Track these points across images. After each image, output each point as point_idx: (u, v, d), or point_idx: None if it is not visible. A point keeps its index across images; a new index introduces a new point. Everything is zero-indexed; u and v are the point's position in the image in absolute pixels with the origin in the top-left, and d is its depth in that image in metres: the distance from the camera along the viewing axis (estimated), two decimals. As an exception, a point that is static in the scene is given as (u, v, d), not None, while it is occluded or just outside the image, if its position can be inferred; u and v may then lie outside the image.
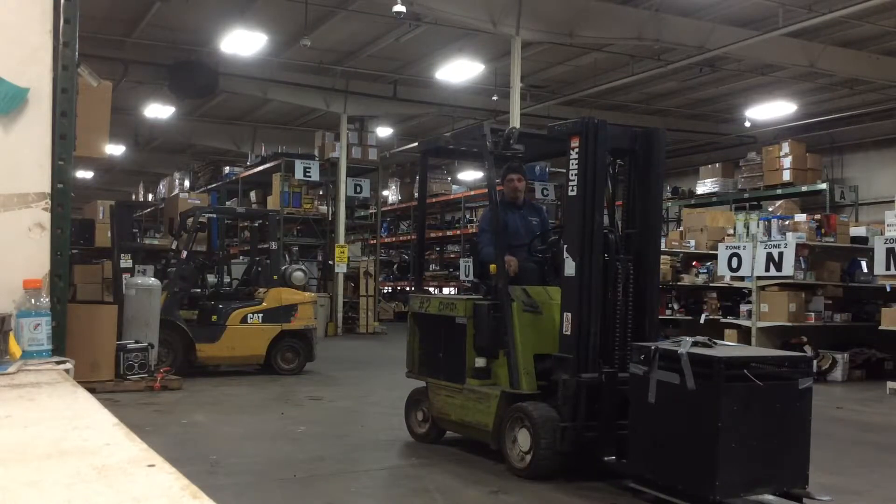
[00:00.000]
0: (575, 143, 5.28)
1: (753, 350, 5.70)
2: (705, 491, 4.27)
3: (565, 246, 5.29)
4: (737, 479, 4.33)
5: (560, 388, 5.18)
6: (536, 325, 5.55)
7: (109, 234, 10.99)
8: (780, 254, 10.47)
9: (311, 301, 11.29)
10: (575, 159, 5.26)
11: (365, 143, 18.86)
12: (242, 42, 14.35)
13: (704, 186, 20.18)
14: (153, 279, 9.94)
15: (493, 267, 5.70)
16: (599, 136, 5.28)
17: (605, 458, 5.02)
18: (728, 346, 5.17)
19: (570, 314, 5.20)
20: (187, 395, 8.69)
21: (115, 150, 21.85)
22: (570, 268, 5.22)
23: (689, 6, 13.56)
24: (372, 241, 22.09)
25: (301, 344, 10.84)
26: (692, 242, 12.49)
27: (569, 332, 5.19)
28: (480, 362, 5.74)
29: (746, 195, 19.05)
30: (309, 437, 6.67)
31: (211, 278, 12.28)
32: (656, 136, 5.58)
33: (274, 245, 11.52)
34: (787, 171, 17.86)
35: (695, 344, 4.51)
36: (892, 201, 11.48)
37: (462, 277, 20.13)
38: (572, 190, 5.28)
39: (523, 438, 5.21)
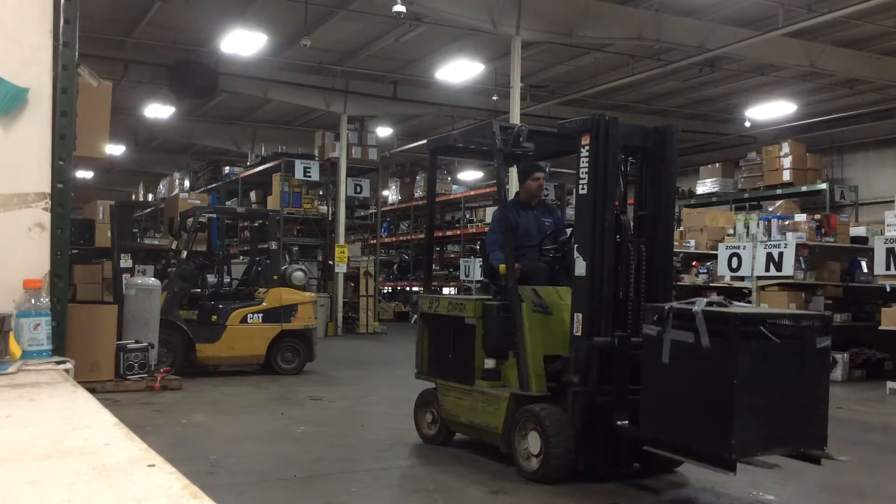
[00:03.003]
0: (586, 140, 5.22)
1: (770, 309, 5.63)
2: (721, 451, 4.18)
3: (576, 245, 5.25)
4: (753, 439, 4.22)
5: (572, 353, 5.13)
6: (546, 326, 5.49)
7: (109, 234, 10.98)
8: (780, 254, 10.46)
9: (311, 301, 11.29)
10: (586, 157, 5.19)
11: (365, 143, 18.86)
12: (242, 42, 14.34)
13: (704, 186, 20.19)
14: (153, 279, 9.94)
15: (502, 267, 5.67)
16: (611, 134, 5.22)
17: (619, 423, 4.95)
18: (744, 306, 5.11)
19: (580, 315, 5.16)
20: (187, 395, 8.69)
21: (115, 150, 21.85)
22: (580, 267, 5.17)
23: (689, 6, 13.56)
24: (372, 241, 22.08)
25: (301, 344, 10.84)
26: (692, 242, 12.49)
27: (579, 334, 5.14)
28: (490, 363, 5.70)
29: (746, 195, 19.06)
30: (309, 437, 6.67)
31: (211, 278, 12.28)
32: (669, 133, 5.51)
33: (274, 245, 11.52)
34: (787, 171, 17.87)
35: (709, 304, 4.44)
36: (892, 201, 11.48)
37: (462, 277, 20.13)
38: (583, 188, 5.22)
39: (533, 441, 5.17)
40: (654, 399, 4.64)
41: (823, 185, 18.02)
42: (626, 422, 4.92)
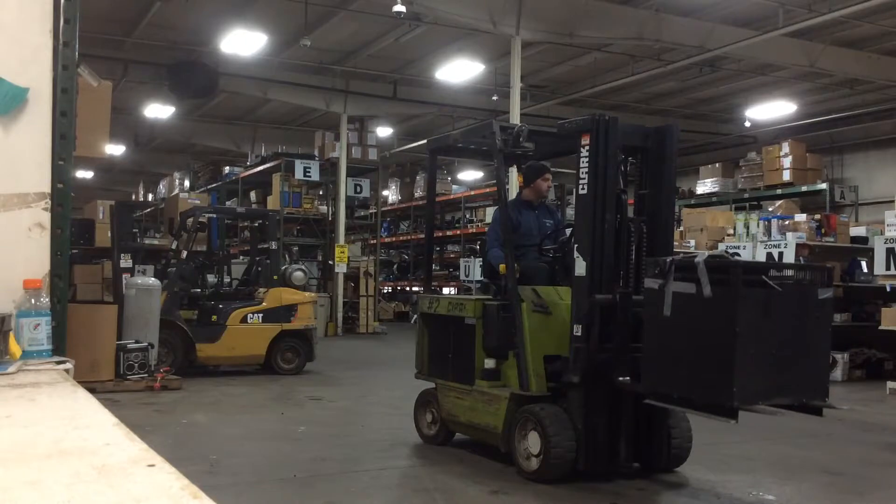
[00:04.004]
0: (585, 140, 5.21)
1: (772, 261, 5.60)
2: (723, 399, 4.16)
3: (576, 245, 5.25)
4: (755, 387, 4.21)
5: (574, 307, 5.15)
6: (546, 326, 5.49)
7: (109, 234, 10.99)
8: (781, 254, 10.47)
9: (311, 301, 11.29)
10: (585, 157, 5.19)
11: (365, 143, 18.87)
12: (242, 42, 14.34)
13: (704, 186, 20.18)
14: (153, 279, 9.94)
15: (502, 267, 5.67)
16: (611, 134, 5.22)
17: (619, 379, 4.94)
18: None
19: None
20: (187, 395, 8.69)
21: (115, 150, 21.85)
22: (580, 268, 5.18)
23: (689, 6, 13.56)
24: (372, 241, 22.09)
25: (301, 344, 10.84)
26: (692, 242, 12.48)
27: (579, 334, 5.14)
28: (490, 363, 5.70)
29: (746, 195, 19.04)
30: (309, 437, 6.67)
31: (211, 278, 12.28)
32: (669, 132, 5.51)
33: (274, 245, 11.52)
34: (787, 171, 17.86)
35: (711, 257, 4.48)
36: (892, 201, 11.47)
37: (462, 277, 20.13)
38: (583, 188, 5.22)
39: (533, 441, 5.17)
40: (655, 352, 4.64)
41: (823, 185, 18.01)
42: (628, 378, 4.91)
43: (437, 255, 24.46)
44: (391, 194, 24.66)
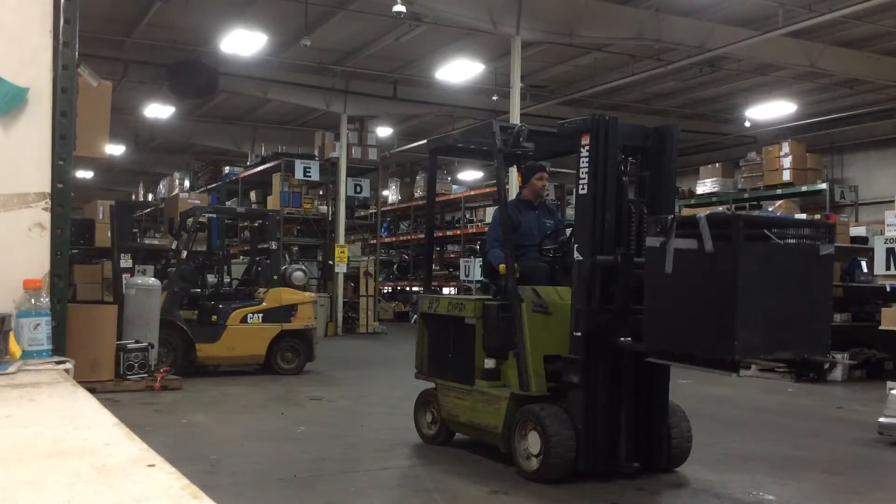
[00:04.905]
0: (585, 140, 5.22)
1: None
2: (724, 353, 4.17)
3: (576, 245, 5.25)
4: (756, 341, 4.21)
5: (574, 270, 5.15)
6: (546, 326, 5.49)
7: (109, 234, 10.99)
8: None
9: (311, 301, 11.29)
10: (585, 157, 5.20)
11: (365, 143, 18.88)
12: (242, 42, 14.35)
13: (704, 186, 20.17)
14: (153, 279, 9.94)
15: (502, 267, 5.67)
16: (611, 134, 5.23)
17: (621, 339, 4.95)
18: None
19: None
20: (187, 395, 8.69)
21: (115, 150, 21.85)
22: None
23: (689, 6, 13.56)
24: (372, 241, 22.09)
25: (301, 344, 10.84)
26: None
27: (579, 333, 5.15)
28: (490, 363, 5.71)
29: (746, 195, 19.04)
30: (309, 437, 6.67)
31: (211, 278, 12.28)
32: (669, 132, 5.52)
33: (274, 245, 11.52)
34: (787, 171, 17.86)
35: (713, 214, 4.50)
36: (892, 201, 11.47)
37: (462, 277, 20.14)
38: (583, 189, 5.23)
39: (533, 441, 5.17)
40: (657, 311, 4.64)
41: (823, 185, 18.00)
42: (629, 338, 4.91)
43: (437, 255, 24.44)
44: (391, 194, 24.67)
